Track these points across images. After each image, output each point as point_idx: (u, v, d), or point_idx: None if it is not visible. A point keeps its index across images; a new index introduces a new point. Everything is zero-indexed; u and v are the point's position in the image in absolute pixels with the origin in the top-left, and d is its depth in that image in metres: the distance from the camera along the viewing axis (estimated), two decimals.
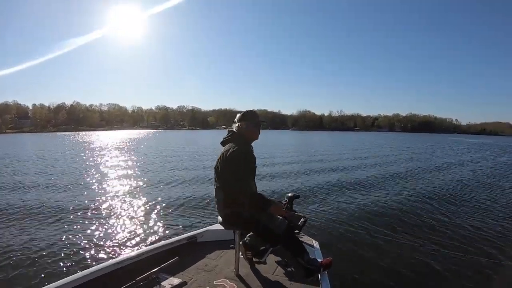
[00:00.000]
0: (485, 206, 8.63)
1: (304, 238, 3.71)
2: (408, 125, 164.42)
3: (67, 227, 6.24)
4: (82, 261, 4.74)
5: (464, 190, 10.84)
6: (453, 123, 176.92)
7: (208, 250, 3.47)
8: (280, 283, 2.87)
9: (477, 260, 4.96)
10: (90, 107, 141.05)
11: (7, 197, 8.75)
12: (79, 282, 2.55)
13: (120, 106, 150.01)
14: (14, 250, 5.06)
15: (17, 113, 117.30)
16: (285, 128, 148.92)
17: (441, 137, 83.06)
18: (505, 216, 7.66)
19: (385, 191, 10.18)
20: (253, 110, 3.00)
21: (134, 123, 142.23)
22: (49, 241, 5.48)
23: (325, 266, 3.01)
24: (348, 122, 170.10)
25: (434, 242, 5.75)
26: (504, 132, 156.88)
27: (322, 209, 7.81)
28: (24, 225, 6.30)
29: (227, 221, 2.88)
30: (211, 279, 2.89)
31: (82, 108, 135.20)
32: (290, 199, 3.34)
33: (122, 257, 3.04)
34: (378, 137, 72.75)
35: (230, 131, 2.93)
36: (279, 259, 3.25)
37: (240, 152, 2.70)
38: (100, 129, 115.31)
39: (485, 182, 12.79)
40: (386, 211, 7.74)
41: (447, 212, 7.94)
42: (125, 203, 8.21)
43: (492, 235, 6.23)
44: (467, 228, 6.67)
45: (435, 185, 11.47)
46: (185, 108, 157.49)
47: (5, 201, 8.24)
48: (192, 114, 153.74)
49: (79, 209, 7.52)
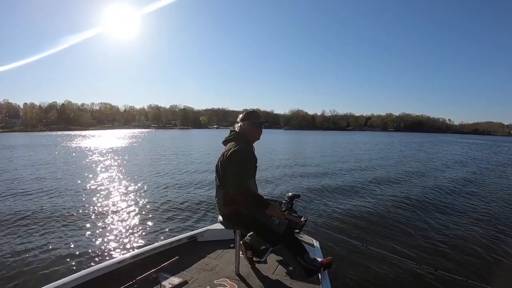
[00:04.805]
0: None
1: (304, 237, 3.73)
2: (401, 124, 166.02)
3: (67, 227, 6.20)
4: (82, 260, 4.72)
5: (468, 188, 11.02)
6: (445, 122, 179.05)
7: (209, 250, 3.47)
8: (281, 283, 2.88)
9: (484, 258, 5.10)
10: (81, 106, 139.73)
11: (6, 198, 8.64)
12: (79, 282, 2.55)
13: (112, 105, 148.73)
14: (14, 250, 5.03)
15: (8, 112, 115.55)
16: (278, 128, 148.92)
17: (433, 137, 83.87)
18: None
19: (385, 191, 10.25)
20: (255, 110, 3.02)
21: (126, 123, 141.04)
22: (49, 241, 5.43)
23: (325, 265, 3.03)
24: (340, 122, 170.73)
25: (434, 241, 5.82)
26: (496, 132, 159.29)
27: (323, 208, 7.85)
28: (24, 226, 6.23)
29: (228, 220, 2.88)
30: (212, 278, 2.89)
31: (74, 107, 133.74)
32: (291, 198, 3.34)
33: (122, 256, 3.03)
34: (371, 136, 73.15)
35: (232, 131, 2.94)
36: (279, 259, 3.25)
37: (241, 152, 2.70)
38: (90, 128, 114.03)
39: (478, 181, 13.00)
40: (386, 211, 7.79)
41: (448, 209, 8.11)
42: (125, 203, 8.15)
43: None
44: (469, 226, 6.80)
45: (434, 185, 11.58)
46: (177, 108, 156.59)
47: (5, 202, 8.15)
48: (184, 113, 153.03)
49: (78, 209, 7.46)
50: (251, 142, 2.91)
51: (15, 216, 6.90)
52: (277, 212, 2.74)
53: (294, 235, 2.99)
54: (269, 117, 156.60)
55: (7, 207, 7.67)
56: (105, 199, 8.48)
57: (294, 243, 2.89)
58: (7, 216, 6.89)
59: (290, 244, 2.87)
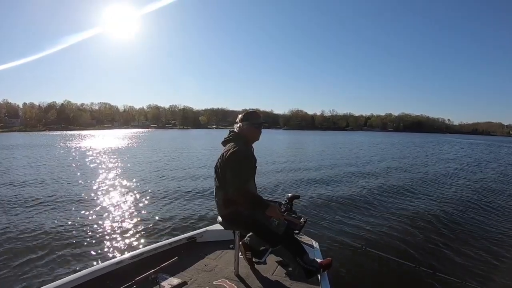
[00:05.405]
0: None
1: (303, 238, 3.73)
2: (401, 124, 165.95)
3: (67, 227, 6.19)
4: (82, 260, 4.73)
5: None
6: (445, 122, 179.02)
7: (208, 250, 3.47)
8: (280, 284, 2.88)
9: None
10: (81, 106, 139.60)
11: (6, 198, 8.63)
12: (79, 282, 2.55)
13: (111, 105, 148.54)
14: (14, 250, 5.04)
15: (7, 112, 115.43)
16: (277, 128, 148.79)
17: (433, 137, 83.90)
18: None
19: (385, 192, 10.23)
20: (255, 110, 3.01)
21: (125, 123, 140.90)
22: (48, 241, 5.43)
23: (324, 266, 3.03)
24: (340, 122, 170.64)
25: (434, 243, 5.83)
26: (495, 132, 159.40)
27: (322, 209, 7.85)
28: (24, 226, 6.22)
29: (227, 221, 2.88)
30: (211, 279, 2.89)
31: (73, 107, 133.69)
32: (290, 199, 3.34)
33: (122, 257, 3.03)
34: (371, 137, 73.15)
35: (232, 131, 2.93)
36: (278, 260, 3.24)
37: (240, 152, 2.69)
38: (90, 128, 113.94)
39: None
40: (385, 212, 7.80)
41: (448, 209, 8.11)
42: (124, 203, 8.15)
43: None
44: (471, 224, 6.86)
45: (433, 186, 11.63)
46: (176, 108, 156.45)
47: (5, 202, 8.15)
48: (183, 113, 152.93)
49: (78, 209, 7.47)
50: (250, 143, 2.90)
51: (15, 216, 6.90)
52: (276, 213, 2.73)
53: (294, 236, 2.99)
54: (268, 117, 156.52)
55: (8, 207, 7.66)
56: (104, 199, 8.47)
57: (293, 244, 2.89)
58: (7, 216, 6.88)
59: (289, 245, 2.86)
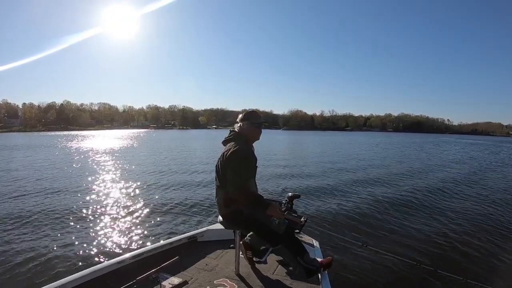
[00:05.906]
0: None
1: (304, 237, 3.73)
2: (400, 125, 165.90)
3: (67, 227, 6.21)
4: (82, 260, 4.73)
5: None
6: (444, 123, 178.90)
7: (209, 250, 3.47)
8: (281, 283, 2.88)
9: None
10: (80, 106, 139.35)
11: (6, 199, 8.62)
12: (79, 282, 2.54)
13: (111, 105, 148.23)
14: (15, 250, 5.04)
15: (7, 112, 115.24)
16: (277, 128, 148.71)
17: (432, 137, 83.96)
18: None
19: (385, 192, 10.26)
20: (255, 110, 3.01)
21: (125, 123, 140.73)
22: (49, 241, 5.44)
23: (325, 265, 3.03)
24: (339, 122, 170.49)
25: (434, 241, 5.85)
26: (495, 132, 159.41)
27: (323, 208, 7.87)
28: (24, 226, 6.24)
29: (228, 220, 2.88)
30: (212, 278, 2.89)
31: (73, 107, 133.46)
32: (291, 198, 3.34)
33: (122, 257, 3.02)
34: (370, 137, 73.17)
35: (232, 131, 2.93)
36: (279, 259, 3.25)
37: (240, 152, 2.70)
38: (89, 128, 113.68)
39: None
40: (386, 211, 7.82)
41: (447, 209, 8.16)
42: (125, 203, 8.16)
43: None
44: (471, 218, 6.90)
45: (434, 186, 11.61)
46: (176, 108, 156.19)
47: (4, 203, 8.14)
48: (183, 113, 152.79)
49: (78, 209, 7.47)
50: (250, 142, 2.90)
51: (15, 216, 6.89)
52: (277, 212, 2.74)
53: (294, 235, 2.98)
54: (268, 117, 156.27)
55: (7, 207, 7.66)
56: (105, 199, 8.48)
57: (294, 243, 2.89)
58: (7, 216, 6.88)
59: (290, 244, 2.86)
